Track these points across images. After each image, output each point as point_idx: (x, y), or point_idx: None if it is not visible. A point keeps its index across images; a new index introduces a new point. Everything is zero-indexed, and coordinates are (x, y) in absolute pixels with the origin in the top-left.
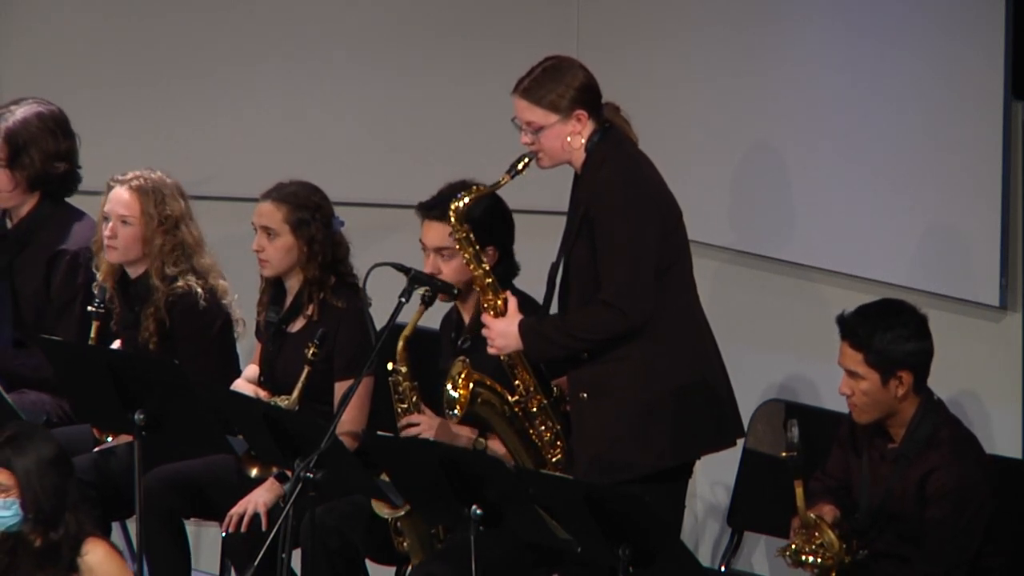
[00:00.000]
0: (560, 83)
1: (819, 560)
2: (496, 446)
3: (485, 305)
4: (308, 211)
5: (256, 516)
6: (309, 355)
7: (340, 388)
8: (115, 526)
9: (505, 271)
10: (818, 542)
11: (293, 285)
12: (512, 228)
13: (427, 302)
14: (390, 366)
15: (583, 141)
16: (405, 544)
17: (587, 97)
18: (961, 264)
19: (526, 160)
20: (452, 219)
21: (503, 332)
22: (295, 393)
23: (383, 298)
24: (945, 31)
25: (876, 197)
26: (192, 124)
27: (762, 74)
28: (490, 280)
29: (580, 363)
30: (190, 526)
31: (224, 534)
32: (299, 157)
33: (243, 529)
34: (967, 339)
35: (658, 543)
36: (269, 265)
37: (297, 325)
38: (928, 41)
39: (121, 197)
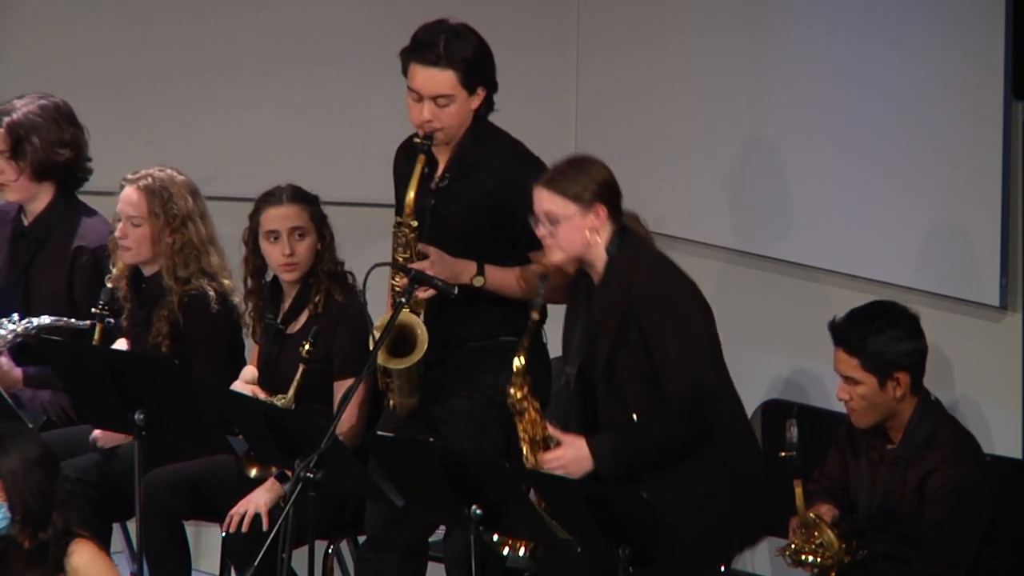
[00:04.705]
0: (584, 175)
1: (819, 560)
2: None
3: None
4: (319, 206)
5: (256, 516)
6: (304, 353)
7: (339, 388)
8: (115, 526)
9: (486, 110)
10: (817, 542)
11: (293, 286)
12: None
13: (423, 149)
14: (398, 219)
15: (601, 240)
16: (394, 385)
17: (608, 193)
18: (961, 264)
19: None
20: (516, 384)
21: (577, 458)
22: (291, 391)
23: (381, 298)
24: (945, 31)
25: (876, 197)
26: (192, 124)
27: (762, 74)
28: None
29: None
30: (190, 526)
31: (224, 534)
32: (299, 157)
33: (243, 529)
34: (967, 339)
35: (658, 543)
36: (299, 267)
37: (297, 325)
38: (928, 41)
39: (130, 197)
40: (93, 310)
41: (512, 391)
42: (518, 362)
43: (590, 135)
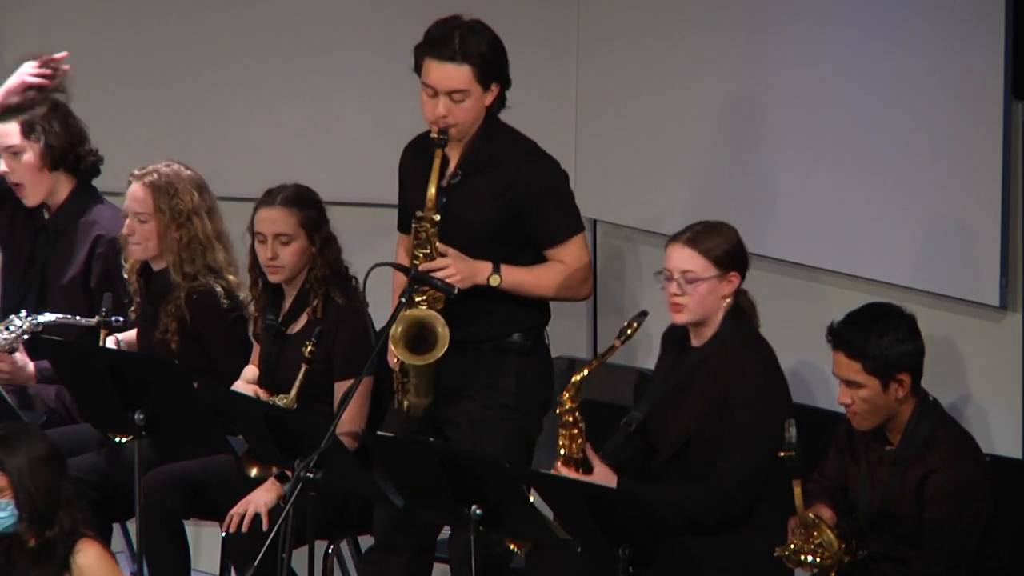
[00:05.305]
0: (719, 236)
1: (818, 560)
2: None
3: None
4: (316, 210)
5: (256, 516)
6: (306, 354)
7: (340, 388)
8: (115, 526)
9: (499, 107)
10: (817, 542)
11: (293, 287)
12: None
13: (441, 144)
14: (418, 214)
15: (724, 308)
16: (410, 384)
17: (741, 260)
18: (961, 264)
19: (635, 325)
20: (570, 393)
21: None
22: (293, 392)
23: (383, 298)
24: (945, 31)
25: (876, 197)
26: (192, 124)
27: (762, 74)
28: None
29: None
30: (190, 526)
31: (224, 534)
32: (299, 157)
33: (244, 529)
34: (967, 339)
35: (658, 543)
36: (283, 271)
37: (298, 326)
38: (928, 41)
39: (136, 194)
40: (97, 317)
41: (564, 396)
42: (578, 376)
43: (590, 135)
